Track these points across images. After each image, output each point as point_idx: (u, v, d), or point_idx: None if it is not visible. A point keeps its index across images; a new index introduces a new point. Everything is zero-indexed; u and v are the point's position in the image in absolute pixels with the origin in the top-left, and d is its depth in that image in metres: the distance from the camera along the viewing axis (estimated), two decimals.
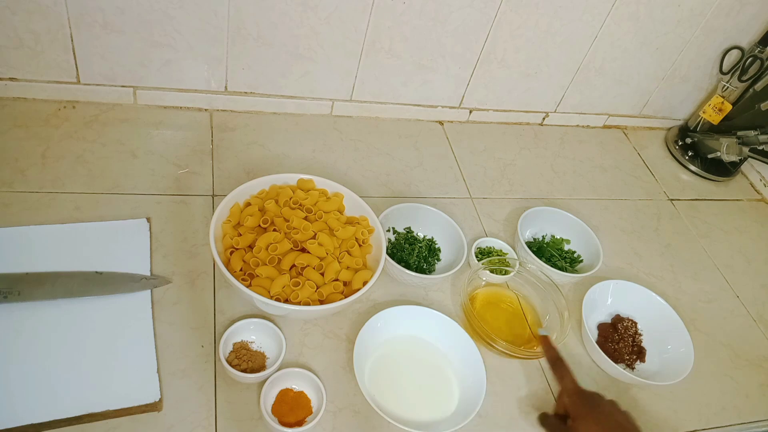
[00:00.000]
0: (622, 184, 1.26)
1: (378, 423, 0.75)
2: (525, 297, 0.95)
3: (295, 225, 0.82)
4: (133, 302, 0.78)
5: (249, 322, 0.78)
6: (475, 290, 0.93)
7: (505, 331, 0.90)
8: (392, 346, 0.83)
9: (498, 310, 0.93)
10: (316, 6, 0.98)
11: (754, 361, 0.99)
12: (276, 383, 0.73)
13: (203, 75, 1.04)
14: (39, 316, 0.73)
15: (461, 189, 1.11)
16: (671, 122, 1.43)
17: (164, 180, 0.95)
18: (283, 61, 1.05)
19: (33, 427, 0.65)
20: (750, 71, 1.23)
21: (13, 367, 0.69)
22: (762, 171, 1.37)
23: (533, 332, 0.90)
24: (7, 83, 0.97)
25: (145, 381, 0.71)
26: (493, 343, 0.83)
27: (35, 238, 0.81)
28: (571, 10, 1.10)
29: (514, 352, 0.83)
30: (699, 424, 0.88)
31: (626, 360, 0.90)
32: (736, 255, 1.18)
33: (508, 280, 0.96)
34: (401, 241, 0.95)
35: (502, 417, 0.81)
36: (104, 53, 0.96)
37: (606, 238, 1.10)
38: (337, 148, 1.11)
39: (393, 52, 1.09)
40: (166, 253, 0.85)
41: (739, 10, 1.19)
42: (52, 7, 0.89)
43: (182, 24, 0.95)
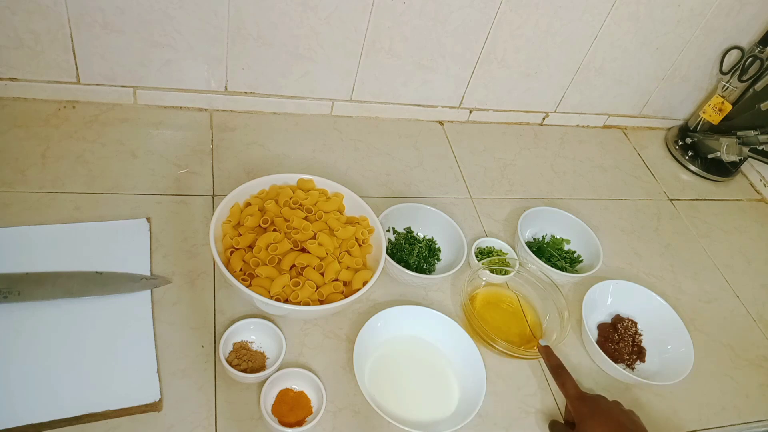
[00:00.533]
0: (622, 184, 1.26)
1: (378, 423, 0.75)
2: (525, 297, 0.95)
3: (295, 225, 0.82)
4: (133, 302, 0.78)
5: (249, 322, 0.78)
6: (475, 290, 0.93)
7: (505, 331, 0.90)
8: (392, 346, 0.83)
9: (498, 310, 0.93)
10: (316, 6, 0.98)
11: (754, 361, 0.99)
12: (276, 383, 0.73)
13: (203, 75, 1.04)
14: (39, 316, 0.73)
15: (461, 189, 1.11)
16: (671, 122, 1.43)
17: (164, 180, 0.95)
18: (283, 61, 1.05)
19: (33, 427, 0.65)
20: (750, 71, 1.23)
21: (13, 367, 0.69)
22: (762, 171, 1.37)
23: (533, 333, 0.90)
24: (7, 83, 0.97)
25: (145, 381, 0.71)
26: (493, 343, 0.83)
27: (35, 238, 0.81)
28: (571, 10, 1.10)
29: (514, 352, 0.83)
30: (699, 424, 0.88)
31: (626, 360, 0.90)
32: (736, 255, 1.18)
33: (508, 280, 0.96)
34: (401, 241, 0.95)
35: (502, 417, 0.81)
36: (104, 53, 0.96)
37: (606, 238, 1.10)
38: (337, 148, 1.11)
39: (393, 52, 1.09)
40: (166, 253, 0.85)
41: (739, 10, 1.19)
42: (52, 7, 0.89)
43: (182, 24, 0.95)
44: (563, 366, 0.80)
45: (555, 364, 0.80)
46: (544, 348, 0.82)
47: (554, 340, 0.86)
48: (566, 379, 0.78)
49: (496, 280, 0.95)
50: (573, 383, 0.78)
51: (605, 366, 0.87)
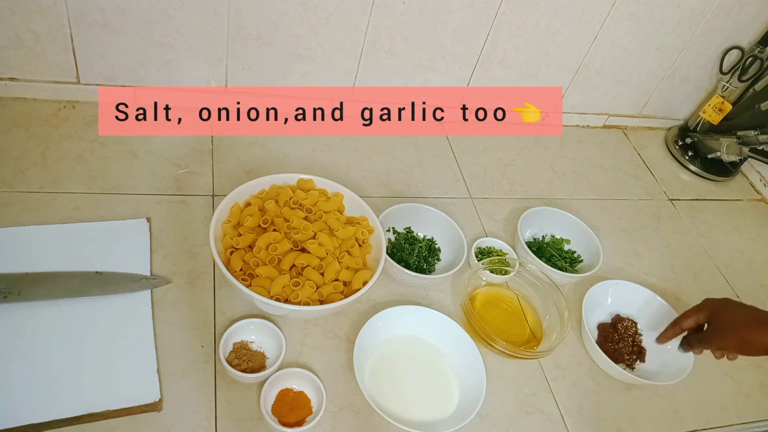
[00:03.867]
0: (622, 184, 1.26)
1: (378, 423, 0.75)
2: (525, 297, 0.95)
3: (295, 225, 0.82)
4: (133, 302, 0.78)
5: (249, 322, 0.78)
6: (475, 290, 0.94)
7: (505, 331, 0.90)
8: (392, 346, 0.83)
9: (498, 310, 0.93)
10: (316, 6, 0.98)
11: (754, 361, 0.99)
12: (276, 383, 0.73)
13: (203, 75, 1.03)
14: (39, 316, 0.73)
15: (461, 189, 1.11)
16: (671, 122, 1.43)
17: (164, 180, 0.95)
18: (283, 61, 1.05)
19: (33, 427, 0.65)
20: (750, 71, 1.23)
21: (14, 367, 0.69)
22: (762, 171, 1.37)
23: (533, 333, 0.90)
24: (7, 83, 0.97)
25: (145, 381, 0.71)
26: (493, 343, 0.83)
27: (35, 238, 0.81)
28: (571, 10, 1.10)
29: (514, 352, 0.83)
30: (699, 424, 0.88)
31: (626, 360, 0.90)
32: (736, 255, 1.18)
33: (508, 280, 0.96)
34: (401, 241, 0.95)
35: (502, 417, 0.81)
36: (104, 53, 0.96)
37: (606, 238, 1.10)
38: (337, 148, 1.11)
39: (393, 52, 1.09)
40: (166, 253, 0.85)
41: (739, 10, 1.19)
42: (52, 7, 0.89)
43: (182, 24, 0.95)
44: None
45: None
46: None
47: (554, 340, 0.86)
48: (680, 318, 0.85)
49: (496, 280, 0.95)
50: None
51: (605, 366, 0.87)
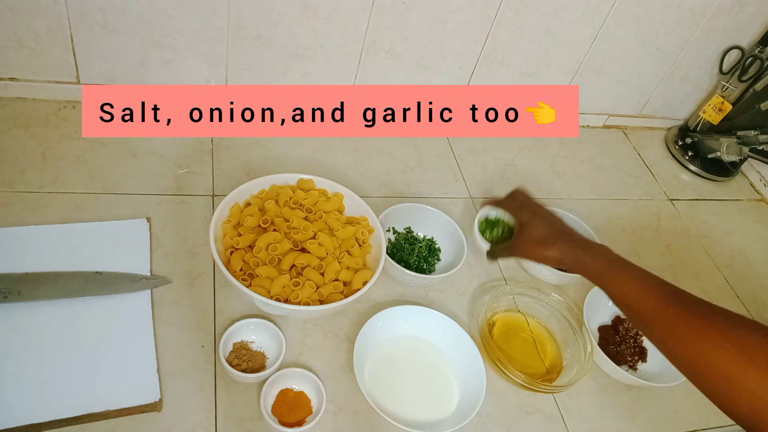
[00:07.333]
0: (622, 184, 1.26)
1: (378, 423, 0.75)
2: (546, 327, 0.93)
3: (295, 225, 0.82)
4: (133, 302, 0.78)
5: (249, 322, 0.78)
6: (494, 314, 0.91)
7: (521, 362, 0.87)
8: (392, 346, 0.83)
9: (517, 339, 0.91)
10: (316, 6, 0.98)
11: None
12: (276, 383, 0.73)
13: (203, 75, 1.03)
14: (39, 316, 0.73)
15: (461, 189, 1.11)
16: (671, 122, 1.43)
17: (164, 180, 0.95)
18: (283, 61, 1.05)
19: (32, 427, 0.65)
20: (750, 71, 1.23)
21: (13, 366, 0.69)
22: (762, 171, 1.37)
23: (547, 367, 0.88)
24: (7, 83, 0.97)
25: (145, 381, 0.71)
26: (512, 375, 0.81)
27: (35, 238, 0.81)
28: (571, 10, 1.10)
29: (532, 385, 0.81)
30: (699, 424, 0.88)
31: (629, 362, 0.90)
32: (736, 255, 1.18)
33: (529, 308, 0.93)
34: (401, 241, 0.95)
35: (502, 417, 0.81)
36: (104, 53, 0.96)
37: (606, 238, 1.10)
38: (337, 148, 1.11)
39: (393, 52, 1.09)
40: (166, 253, 0.85)
41: (739, 10, 1.19)
42: (52, 7, 0.89)
43: (182, 24, 0.95)
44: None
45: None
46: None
47: (575, 374, 0.84)
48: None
49: (515, 306, 0.93)
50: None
51: (607, 368, 0.87)
